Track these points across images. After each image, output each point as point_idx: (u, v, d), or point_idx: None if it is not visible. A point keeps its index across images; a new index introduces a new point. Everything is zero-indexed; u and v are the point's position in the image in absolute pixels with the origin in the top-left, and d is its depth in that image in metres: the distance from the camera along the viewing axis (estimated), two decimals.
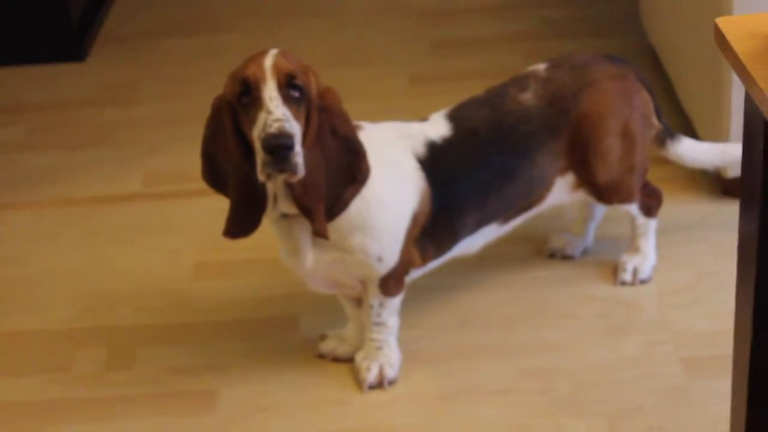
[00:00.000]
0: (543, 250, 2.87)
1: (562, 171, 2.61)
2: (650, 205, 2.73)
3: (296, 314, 2.72)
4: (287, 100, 2.20)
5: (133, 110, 3.68)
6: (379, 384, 2.51)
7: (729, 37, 1.70)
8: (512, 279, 2.78)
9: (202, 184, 3.18)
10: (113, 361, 2.63)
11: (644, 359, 2.51)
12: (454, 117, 2.56)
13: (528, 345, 2.58)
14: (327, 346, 2.60)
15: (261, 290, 2.81)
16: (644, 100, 2.65)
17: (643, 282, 2.73)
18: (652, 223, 2.75)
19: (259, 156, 2.20)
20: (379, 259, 2.41)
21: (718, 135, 2.89)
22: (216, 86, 3.72)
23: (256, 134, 2.20)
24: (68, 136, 3.56)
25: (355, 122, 2.40)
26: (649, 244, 2.76)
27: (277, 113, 2.18)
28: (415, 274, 2.55)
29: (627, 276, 2.74)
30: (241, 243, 2.95)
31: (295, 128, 2.19)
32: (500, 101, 2.58)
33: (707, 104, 2.96)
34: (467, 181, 2.50)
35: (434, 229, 2.49)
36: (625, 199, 2.68)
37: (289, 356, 2.60)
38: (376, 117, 2.62)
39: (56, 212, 3.18)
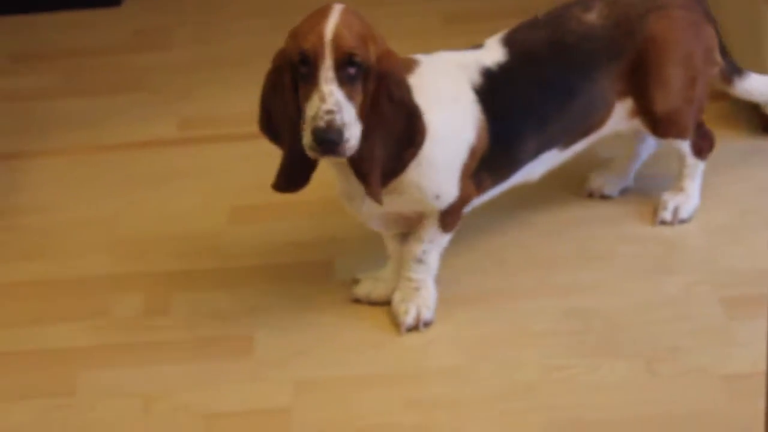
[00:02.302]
0: (581, 189, 2.83)
1: (622, 95, 2.58)
2: (702, 146, 2.69)
3: (331, 258, 2.71)
4: (343, 80, 2.22)
5: (168, 55, 3.67)
6: (416, 326, 2.50)
7: None
8: (550, 219, 2.76)
9: (237, 129, 3.23)
10: (150, 307, 2.63)
11: (683, 299, 2.48)
12: (510, 41, 2.54)
13: (566, 286, 2.56)
14: (362, 290, 2.58)
15: (295, 234, 2.80)
16: (710, 34, 2.62)
17: (682, 222, 2.70)
18: (701, 165, 2.71)
19: (307, 136, 2.23)
20: (437, 197, 2.41)
21: (758, 68, 2.83)
22: (249, 29, 3.75)
23: (308, 115, 2.23)
24: (103, 81, 3.55)
25: (411, 56, 2.42)
26: (694, 185, 2.72)
27: (329, 102, 2.20)
28: (474, 204, 2.54)
29: (667, 215, 2.70)
30: None
31: (347, 115, 2.21)
32: (562, 21, 2.57)
33: (747, 37, 2.90)
34: (525, 106, 2.49)
35: (492, 160, 2.48)
36: (680, 133, 2.64)
37: (325, 300, 2.59)
38: None
39: (91, 158, 3.18)
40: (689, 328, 2.41)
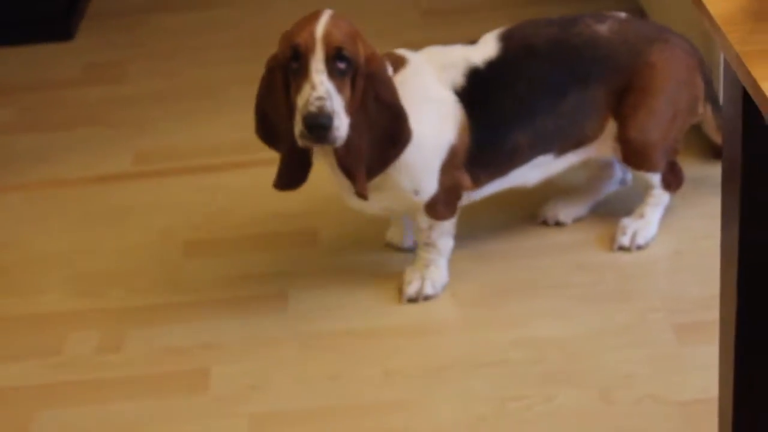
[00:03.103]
0: (535, 216, 2.84)
1: (613, 112, 2.62)
2: (671, 182, 2.73)
3: (286, 291, 2.70)
4: (333, 73, 2.34)
5: (122, 88, 3.66)
6: (416, 299, 2.61)
7: None
8: (503, 249, 2.76)
9: (191, 162, 3.23)
10: (105, 343, 2.61)
11: (636, 327, 2.49)
12: (508, 36, 2.62)
13: (519, 315, 2.56)
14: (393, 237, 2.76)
15: (250, 267, 2.79)
16: (700, 84, 2.69)
17: (639, 248, 2.71)
18: (666, 198, 2.74)
19: (298, 125, 2.35)
20: (416, 192, 2.54)
21: None
22: (205, 62, 3.74)
23: (299, 105, 2.35)
24: (57, 116, 3.54)
25: (399, 53, 2.55)
26: (655, 213, 2.74)
27: (320, 90, 2.32)
28: (474, 196, 2.64)
29: (625, 240, 2.72)
30: (231, 220, 2.97)
31: (337, 104, 2.33)
32: (572, 24, 2.65)
33: None
34: (513, 100, 2.57)
35: (481, 155, 2.56)
36: (651, 168, 2.68)
37: (280, 332, 2.59)
38: None
39: (45, 194, 3.17)
40: (643, 355, 2.42)
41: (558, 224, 2.82)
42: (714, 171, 2.92)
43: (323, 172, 2.59)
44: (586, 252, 2.74)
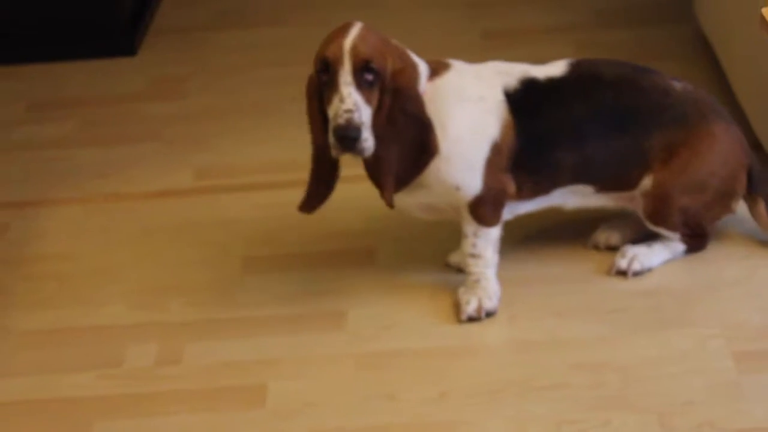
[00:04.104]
0: (587, 242, 2.82)
1: (661, 164, 2.61)
2: (690, 244, 2.72)
3: (345, 309, 2.71)
4: (360, 85, 2.41)
5: (183, 104, 3.69)
6: (478, 316, 2.60)
7: None
8: (559, 273, 2.76)
9: (252, 178, 3.26)
10: (164, 356, 2.64)
11: (696, 353, 2.48)
12: (580, 63, 2.65)
13: (577, 339, 2.56)
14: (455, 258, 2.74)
15: (309, 284, 2.81)
16: (742, 182, 2.68)
17: (635, 274, 2.69)
18: (680, 250, 2.73)
19: (330, 136, 2.43)
20: (457, 188, 2.56)
21: None
22: (266, 79, 3.77)
23: (330, 116, 2.43)
24: (119, 130, 3.58)
25: (446, 60, 2.61)
26: (663, 252, 2.72)
27: (348, 103, 2.39)
28: (517, 210, 2.65)
29: (623, 262, 2.70)
30: (290, 237, 2.99)
31: (365, 116, 2.41)
32: (646, 71, 2.66)
33: (762, 95, 2.92)
34: (566, 116, 2.58)
35: (527, 160, 2.58)
36: (667, 227, 2.68)
37: (338, 350, 2.60)
38: None
39: (106, 207, 3.20)
40: (702, 382, 2.40)
41: (610, 249, 2.80)
42: None
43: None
44: (643, 277, 2.72)
